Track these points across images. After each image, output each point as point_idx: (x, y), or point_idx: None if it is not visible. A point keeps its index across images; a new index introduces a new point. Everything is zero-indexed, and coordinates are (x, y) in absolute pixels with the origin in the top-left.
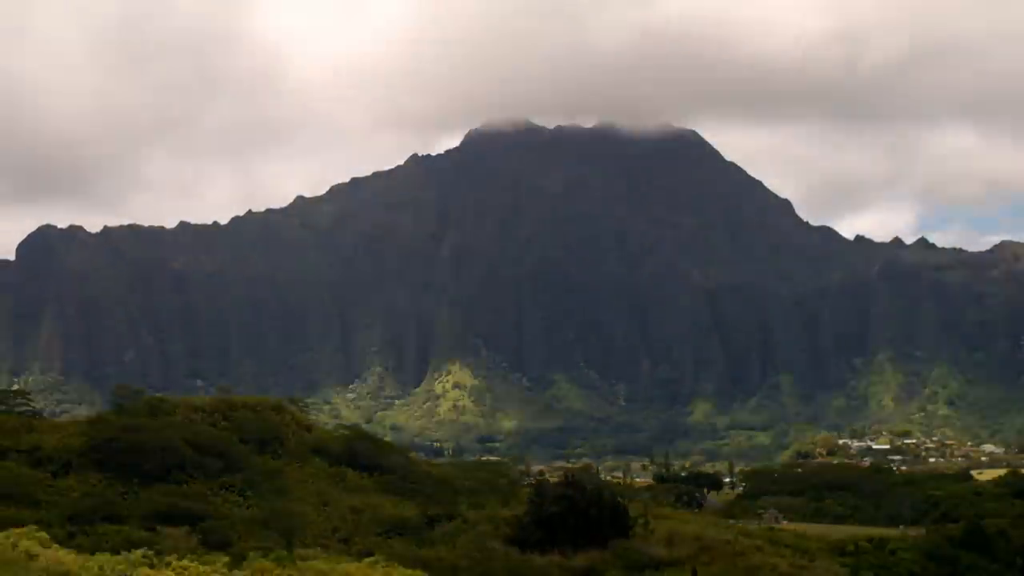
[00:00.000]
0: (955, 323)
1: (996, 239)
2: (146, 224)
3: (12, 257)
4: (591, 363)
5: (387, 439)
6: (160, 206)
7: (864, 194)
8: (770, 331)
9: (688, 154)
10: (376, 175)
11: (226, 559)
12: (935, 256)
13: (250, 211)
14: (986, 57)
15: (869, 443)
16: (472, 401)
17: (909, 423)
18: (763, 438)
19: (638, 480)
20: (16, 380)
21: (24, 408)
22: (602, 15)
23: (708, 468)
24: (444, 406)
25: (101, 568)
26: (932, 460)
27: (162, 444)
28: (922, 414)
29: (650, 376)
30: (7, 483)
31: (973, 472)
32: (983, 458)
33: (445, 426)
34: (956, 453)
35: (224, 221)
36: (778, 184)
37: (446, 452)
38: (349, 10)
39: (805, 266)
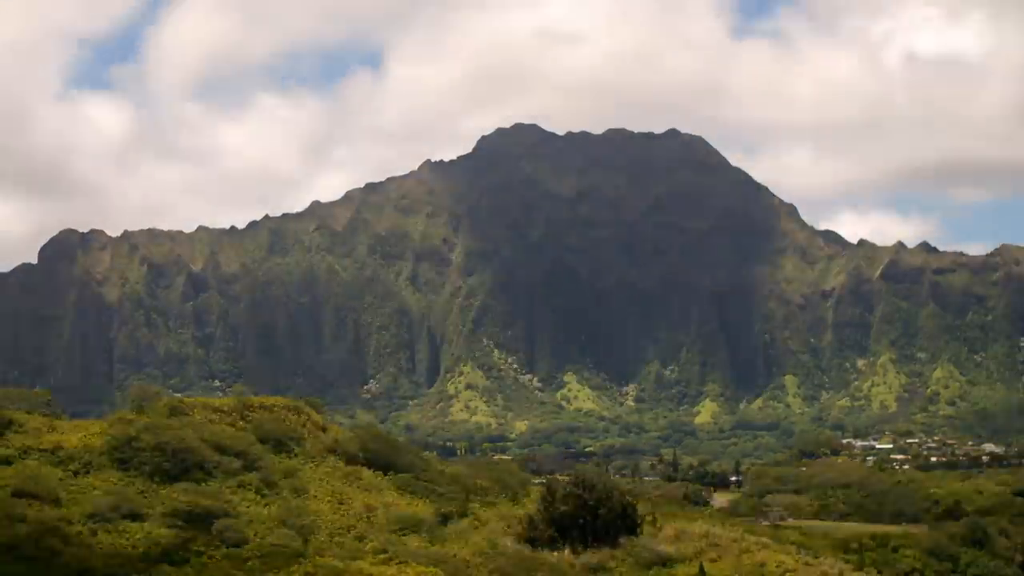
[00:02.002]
0: (956, 325)
1: (997, 242)
2: (165, 228)
3: (35, 260)
4: (600, 364)
5: (401, 439)
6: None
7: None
8: (775, 333)
9: (695, 160)
10: (390, 180)
11: (244, 555)
12: (937, 259)
13: (267, 215)
14: None
15: (872, 442)
16: (484, 401)
17: (911, 423)
18: (768, 438)
19: (646, 479)
20: (38, 381)
21: (46, 408)
22: None
23: (714, 467)
24: (456, 406)
25: (122, 564)
26: (934, 459)
27: (181, 444)
28: (924, 414)
29: (658, 377)
30: (30, 482)
31: (974, 471)
32: (984, 458)
33: (457, 426)
34: (957, 452)
35: (241, 225)
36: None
37: (458, 451)
38: None
39: (809, 269)
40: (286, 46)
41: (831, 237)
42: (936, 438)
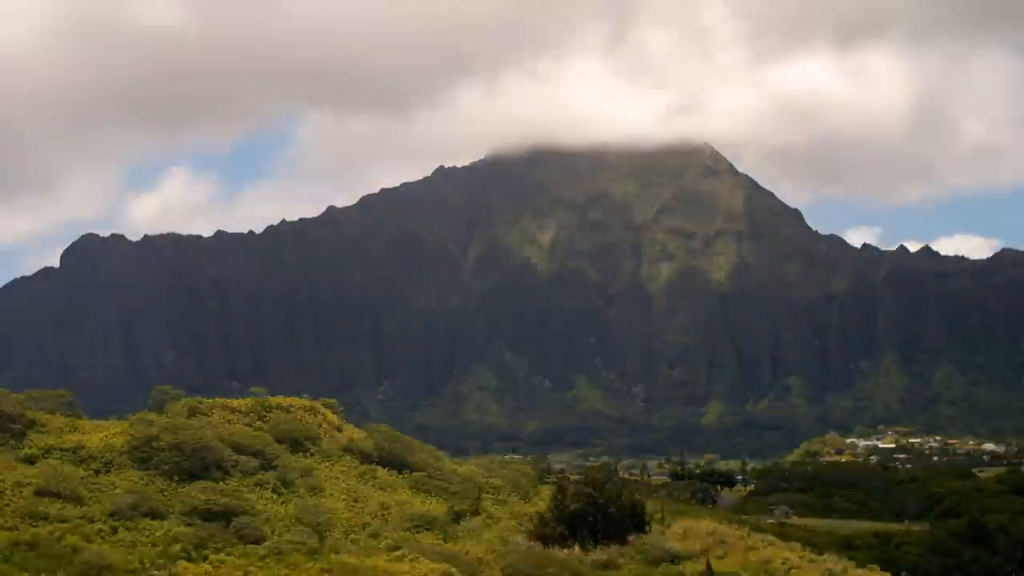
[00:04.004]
0: (958, 327)
1: (997, 246)
2: (184, 233)
3: (57, 264)
4: (610, 366)
5: (414, 439)
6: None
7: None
8: (781, 335)
9: (703, 165)
10: (405, 185)
11: (261, 553)
12: (938, 263)
13: (284, 220)
14: None
15: (875, 442)
16: (496, 402)
17: (914, 423)
18: (774, 437)
19: (654, 478)
20: (60, 381)
21: (68, 409)
22: None
23: (721, 466)
24: (469, 406)
25: (142, 561)
26: (935, 459)
27: (200, 443)
28: (926, 414)
29: (666, 378)
30: (52, 481)
31: (975, 470)
32: (984, 457)
33: (470, 426)
34: (958, 452)
35: (259, 230)
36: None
37: (471, 451)
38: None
39: (814, 273)
40: None
41: (835, 241)
42: (938, 438)
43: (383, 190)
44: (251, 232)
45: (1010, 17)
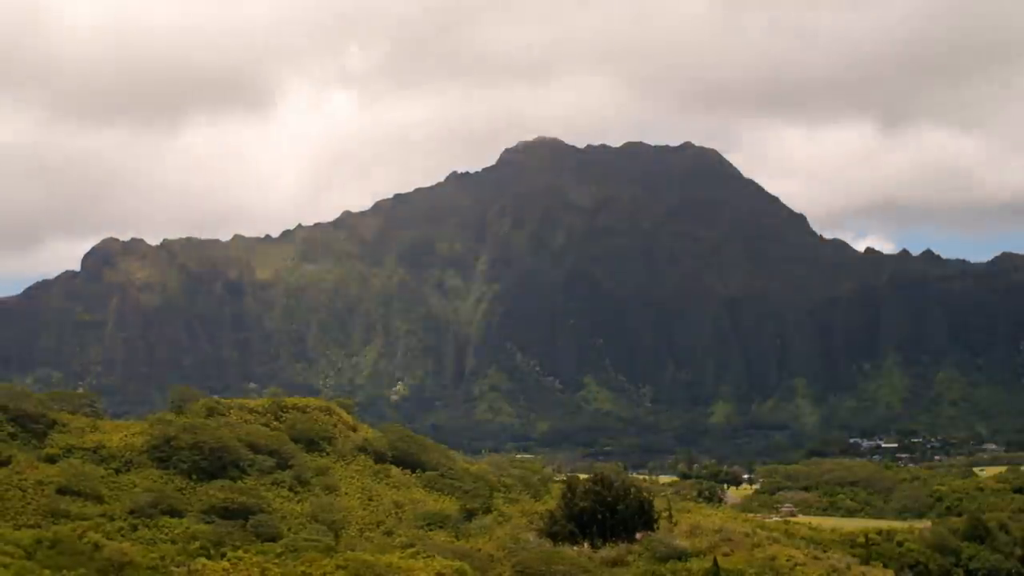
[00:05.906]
0: (959, 329)
1: (998, 251)
2: (202, 236)
3: (78, 268)
4: (619, 367)
5: (427, 439)
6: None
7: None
8: (786, 337)
9: (709, 171)
10: (418, 191)
11: (278, 550)
12: (940, 267)
13: (299, 225)
14: None
15: (878, 442)
16: (507, 402)
17: (916, 423)
18: (779, 437)
19: (662, 477)
20: (81, 383)
21: (89, 409)
22: None
23: (728, 466)
24: (481, 407)
25: (161, 558)
26: (937, 458)
27: (218, 443)
28: (928, 414)
29: (674, 379)
30: (74, 479)
31: (975, 469)
32: (985, 456)
33: (482, 426)
34: (960, 451)
35: (275, 234)
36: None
37: (483, 451)
38: None
39: (818, 276)
40: None
41: (839, 246)
42: (939, 437)
43: (397, 195)
44: (267, 236)
45: None
